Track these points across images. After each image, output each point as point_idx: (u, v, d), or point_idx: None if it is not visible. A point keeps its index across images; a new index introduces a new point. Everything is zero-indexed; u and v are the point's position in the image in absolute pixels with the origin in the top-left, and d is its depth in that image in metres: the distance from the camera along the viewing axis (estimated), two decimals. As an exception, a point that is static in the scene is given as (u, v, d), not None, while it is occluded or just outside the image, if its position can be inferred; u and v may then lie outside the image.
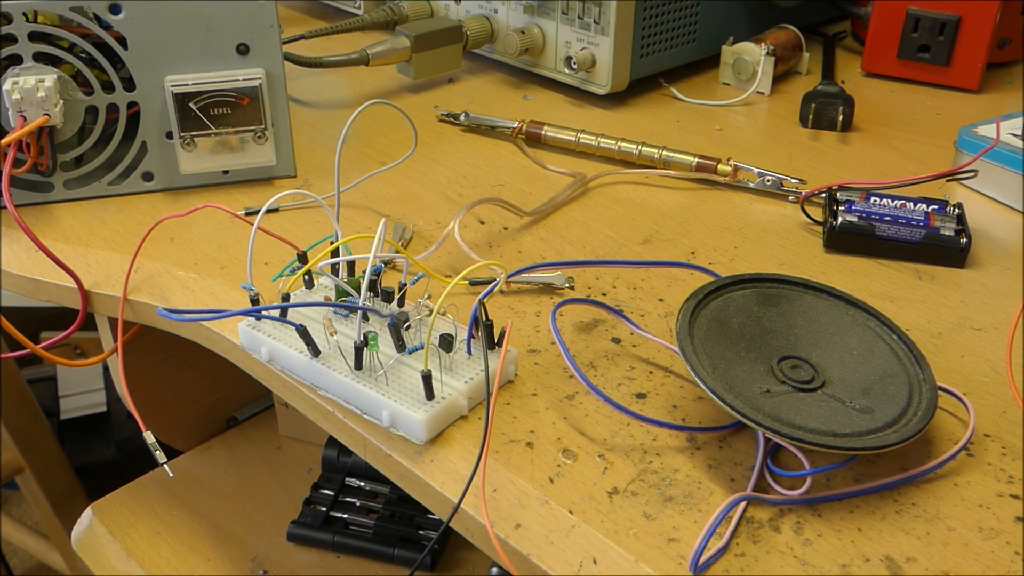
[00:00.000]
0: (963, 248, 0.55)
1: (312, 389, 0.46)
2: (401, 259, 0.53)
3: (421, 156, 0.67)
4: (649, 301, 0.52)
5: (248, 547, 0.76)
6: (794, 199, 0.62)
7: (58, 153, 0.59)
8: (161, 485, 0.82)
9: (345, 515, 0.78)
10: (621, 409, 0.42)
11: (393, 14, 0.83)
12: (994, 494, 0.40)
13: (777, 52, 0.78)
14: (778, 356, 0.43)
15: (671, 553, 0.37)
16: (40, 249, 0.53)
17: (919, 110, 0.77)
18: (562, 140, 0.69)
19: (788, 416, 0.40)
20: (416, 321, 0.46)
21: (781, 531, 0.38)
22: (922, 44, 0.78)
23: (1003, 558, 0.37)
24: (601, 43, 0.73)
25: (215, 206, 0.51)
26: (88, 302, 0.55)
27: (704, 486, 0.40)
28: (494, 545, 0.38)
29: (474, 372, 0.44)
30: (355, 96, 0.78)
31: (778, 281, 0.47)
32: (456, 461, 0.42)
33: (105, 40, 0.57)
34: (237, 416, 0.89)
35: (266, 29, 0.59)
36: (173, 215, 0.55)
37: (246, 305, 0.49)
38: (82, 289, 0.54)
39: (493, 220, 0.60)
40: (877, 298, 0.53)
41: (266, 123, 0.60)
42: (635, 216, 0.61)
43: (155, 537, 0.77)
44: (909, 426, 0.40)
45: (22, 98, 0.55)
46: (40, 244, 0.53)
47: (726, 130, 0.73)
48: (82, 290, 0.54)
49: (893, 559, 0.37)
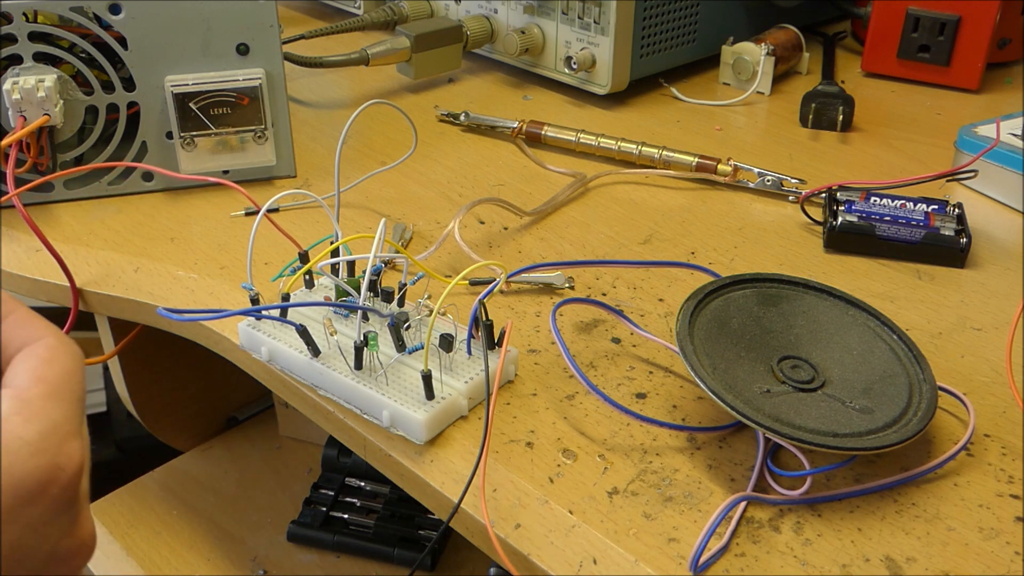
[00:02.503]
0: (963, 248, 0.55)
1: (312, 389, 0.46)
2: (401, 259, 0.53)
3: (421, 156, 0.67)
4: (649, 301, 0.52)
5: (248, 547, 0.76)
6: (794, 199, 0.62)
7: (58, 153, 0.59)
8: (161, 485, 0.82)
9: (345, 515, 0.78)
10: (621, 409, 0.42)
11: (393, 14, 0.83)
12: (994, 494, 0.40)
13: (777, 52, 0.78)
14: (778, 356, 0.43)
15: (671, 553, 0.37)
16: (44, 245, 0.53)
17: (919, 110, 0.77)
18: (562, 140, 0.69)
19: (788, 416, 0.40)
20: (416, 321, 0.46)
21: (781, 531, 0.38)
22: (922, 44, 0.78)
23: (1003, 558, 0.37)
24: (601, 43, 0.73)
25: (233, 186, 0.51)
26: (84, 301, 0.55)
27: (704, 486, 0.40)
28: (494, 545, 0.38)
29: (474, 372, 0.44)
30: (355, 96, 0.78)
31: (778, 281, 0.47)
32: (456, 461, 0.42)
33: (105, 40, 0.57)
34: (237, 416, 0.89)
35: (266, 29, 0.59)
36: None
37: (246, 305, 0.49)
38: (74, 287, 0.54)
39: (493, 220, 0.60)
40: (877, 298, 0.53)
41: (266, 123, 0.60)
42: (635, 216, 0.61)
43: (155, 537, 0.77)
44: (909, 426, 0.40)
45: (22, 98, 0.55)
46: (45, 240, 0.53)
47: (726, 130, 0.73)
48: (74, 288, 0.54)
49: (893, 559, 0.37)
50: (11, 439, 0.30)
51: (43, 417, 0.31)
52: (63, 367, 0.33)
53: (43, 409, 0.31)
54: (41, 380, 0.32)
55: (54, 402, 0.32)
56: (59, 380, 0.32)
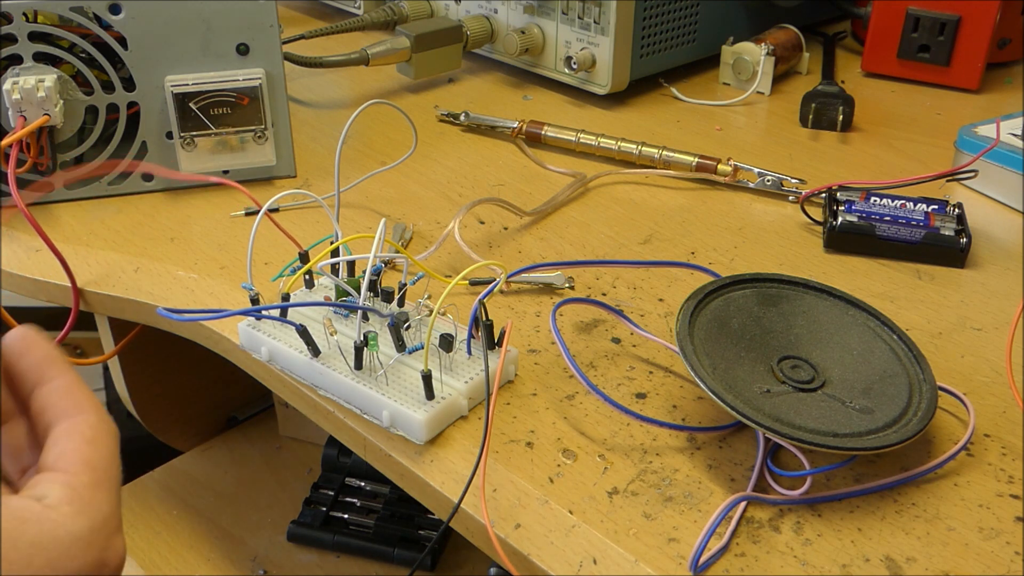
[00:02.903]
0: (963, 248, 0.55)
1: (312, 389, 0.46)
2: (401, 259, 0.53)
3: (421, 156, 0.67)
4: (649, 301, 0.52)
5: (248, 547, 0.76)
6: (794, 199, 0.62)
7: (58, 153, 0.59)
8: (161, 485, 0.82)
9: (345, 515, 0.78)
10: (621, 409, 0.42)
11: (393, 14, 0.83)
12: (994, 494, 0.40)
13: (777, 52, 0.78)
14: (778, 356, 0.43)
15: (671, 553, 0.37)
16: (46, 244, 0.53)
17: (919, 110, 0.77)
18: (562, 140, 0.69)
19: (788, 416, 0.40)
20: (416, 321, 0.46)
21: (781, 531, 0.38)
22: (922, 44, 0.78)
23: (1003, 558, 0.37)
24: (601, 43, 0.73)
25: (235, 186, 0.51)
26: (84, 301, 0.55)
27: (704, 486, 0.40)
28: (494, 545, 0.38)
29: (474, 372, 0.44)
30: (355, 96, 0.78)
31: (778, 281, 0.47)
32: (456, 461, 0.42)
33: (105, 40, 0.57)
34: (237, 416, 0.89)
35: (266, 29, 0.59)
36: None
37: (246, 305, 0.49)
38: (75, 288, 0.54)
39: (493, 220, 0.60)
40: (877, 298, 0.53)
41: (266, 123, 0.60)
42: (635, 216, 0.61)
43: (155, 537, 0.77)
44: (909, 426, 0.40)
45: (22, 98, 0.55)
46: (48, 240, 0.53)
47: (726, 130, 0.73)
48: (75, 288, 0.54)
49: (893, 559, 0.37)
50: (63, 533, 0.30)
51: (94, 510, 0.31)
52: (108, 450, 0.33)
53: (93, 500, 0.31)
54: (88, 466, 0.32)
55: (103, 492, 0.31)
56: (105, 466, 0.32)
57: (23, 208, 0.53)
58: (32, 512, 0.30)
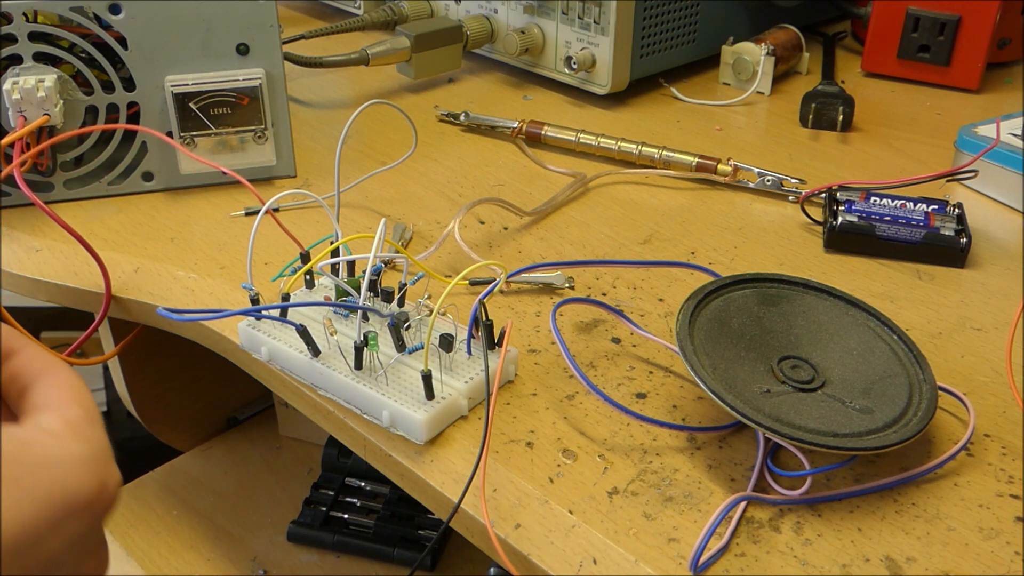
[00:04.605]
0: (963, 248, 0.55)
1: (312, 389, 0.46)
2: (401, 259, 0.53)
3: (421, 156, 0.67)
4: (649, 301, 0.52)
5: (248, 547, 0.76)
6: (794, 199, 0.62)
7: (58, 153, 0.59)
8: (161, 485, 0.82)
9: (345, 515, 0.78)
10: (621, 409, 0.42)
11: (393, 14, 0.83)
12: (994, 494, 0.40)
13: (777, 52, 0.78)
14: (778, 356, 0.43)
15: (671, 553, 0.37)
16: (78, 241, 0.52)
17: (919, 110, 0.77)
18: (562, 140, 0.69)
19: (788, 416, 0.40)
20: (416, 321, 0.46)
21: (781, 531, 0.38)
22: (922, 44, 0.78)
23: (1003, 558, 0.37)
24: (601, 43, 0.73)
25: (238, 179, 0.51)
26: (84, 301, 0.54)
27: (704, 486, 0.40)
28: (494, 545, 0.38)
29: (474, 372, 0.44)
30: (355, 96, 0.78)
31: (778, 281, 0.47)
32: (456, 461, 0.42)
33: (105, 40, 0.57)
34: (237, 416, 0.89)
35: (266, 29, 0.59)
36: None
37: (246, 305, 0.49)
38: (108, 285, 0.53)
39: (493, 220, 0.60)
40: (877, 298, 0.53)
41: (266, 123, 0.60)
42: (635, 216, 0.61)
43: (155, 537, 0.77)
44: (909, 426, 0.40)
45: (22, 98, 0.55)
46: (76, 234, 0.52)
47: (726, 130, 0.73)
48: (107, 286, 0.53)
49: (893, 559, 0.37)
50: (66, 454, 0.30)
51: (91, 437, 0.32)
52: (90, 398, 0.34)
53: (90, 430, 0.32)
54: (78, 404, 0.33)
55: (95, 426, 0.32)
56: (93, 407, 0.33)
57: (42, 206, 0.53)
58: (34, 435, 0.31)
